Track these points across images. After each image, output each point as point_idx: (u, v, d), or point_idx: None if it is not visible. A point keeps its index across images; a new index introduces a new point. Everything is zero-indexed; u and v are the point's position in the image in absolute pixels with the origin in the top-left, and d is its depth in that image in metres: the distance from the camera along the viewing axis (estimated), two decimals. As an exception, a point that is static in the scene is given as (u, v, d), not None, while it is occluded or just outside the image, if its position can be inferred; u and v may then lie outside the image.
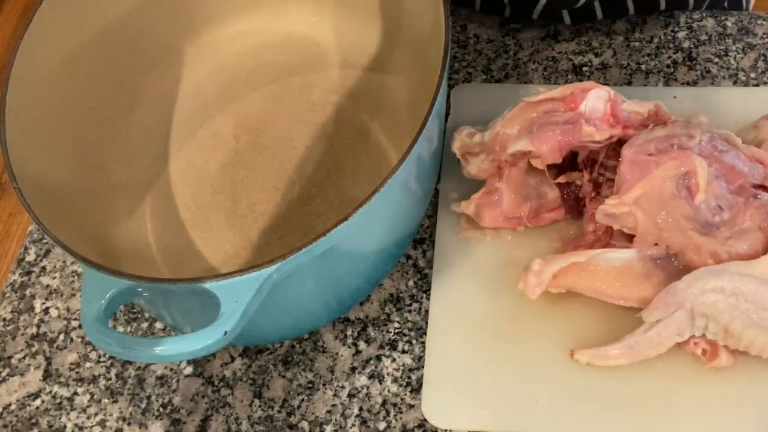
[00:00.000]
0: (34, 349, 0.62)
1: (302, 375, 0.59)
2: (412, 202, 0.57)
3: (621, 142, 0.57)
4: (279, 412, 0.57)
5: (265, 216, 0.64)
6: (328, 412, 0.57)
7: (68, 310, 0.64)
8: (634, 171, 0.54)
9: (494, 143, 0.59)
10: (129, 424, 0.58)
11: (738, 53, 0.70)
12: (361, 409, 0.57)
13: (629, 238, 0.55)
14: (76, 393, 0.60)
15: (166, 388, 0.59)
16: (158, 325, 0.62)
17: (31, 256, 0.67)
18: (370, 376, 0.58)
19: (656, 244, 0.54)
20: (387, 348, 0.59)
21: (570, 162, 0.59)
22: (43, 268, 0.66)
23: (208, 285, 0.46)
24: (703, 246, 0.52)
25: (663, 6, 0.72)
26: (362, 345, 0.59)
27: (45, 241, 0.67)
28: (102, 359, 0.61)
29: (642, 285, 0.53)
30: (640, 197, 0.53)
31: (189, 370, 0.60)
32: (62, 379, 0.60)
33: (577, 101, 0.57)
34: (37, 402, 0.60)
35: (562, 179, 0.59)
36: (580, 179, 0.59)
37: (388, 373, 0.58)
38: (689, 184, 0.53)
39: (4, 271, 1.57)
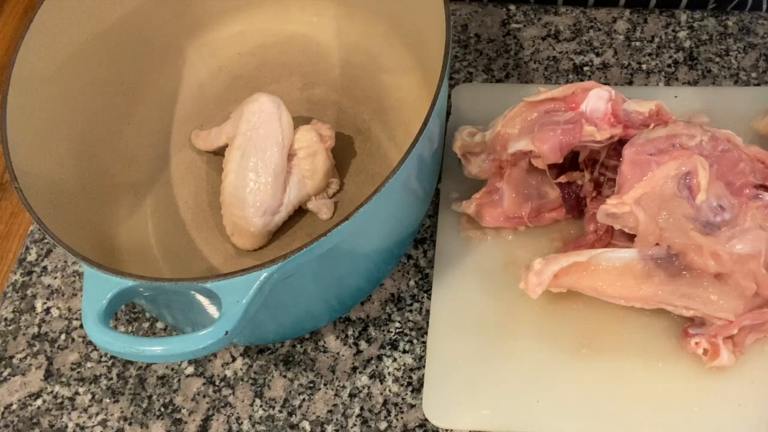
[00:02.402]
0: (35, 349, 0.62)
1: (303, 375, 0.59)
2: (413, 202, 0.57)
3: (622, 142, 0.57)
4: (280, 411, 0.57)
5: (266, 216, 0.64)
6: (329, 411, 0.57)
7: (69, 309, 0.64)
8: (635, 171, 0.54)
9: (495, 143, 0.59)
10: (130, 423, 0.58)
11: (739, 53, 0.70)
12: (362, 408, 0.57)
13: (630, 238, 0.55)
14: (77, 393, 0.60)
15: (167, 387, 0.59)
16: (159, 324, 0.62)
17: (32, 256, 0.67)
18: (371, 376, 0.58)
19: (657, 243, 0.54)
20: (388, 348, 0.59)
21: (571, 162, 0.59)
22: (45, 267, 0.66)
23: (210, 285, 0.46)
24: (705, 246, 0.52)
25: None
26: (363, 345, 0.59)
27: (46, 240, 0.67)
28: (103, 359, 0.61)
29: (643, 285, 0.53)
30: (641, 197, 0.53)
31: (190, 369, 0.60)
32: (63, 379, 0.60)
33: (577, 101, 0.57)
34: (39, 402, 0.60)
35: (563, 179, 0.59)
36: (581, 179, 0.59)
37: (389, 373, 0.58)
38: (690, 184, 0.53)
39: (5, 271, 1.57)
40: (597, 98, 0.57)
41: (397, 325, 0.60)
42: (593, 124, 0.56)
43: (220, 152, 0.66)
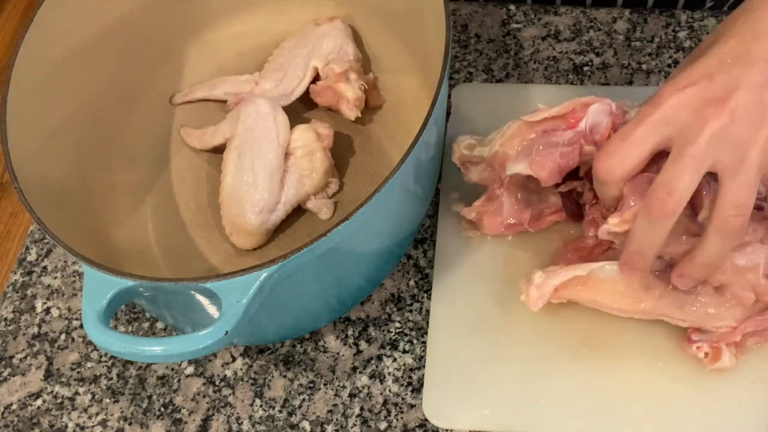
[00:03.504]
0: (35, 349, 0.62)
1: (303, 375, 0.59)
2: (412, 202, 0.57)
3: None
4: (280, 411, 0.57)
5: (266, 216, 0.64)
6: (329, 411, 0.57)
7: (69, 309, 0.64)
8: (635, 187, 0.53)
9: (493, 161, 0.58)
10: (130, 423, 0.58)
11: (739, 53, 0.70)
12: (362, 408, 0.57)
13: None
14: (77, 393, 0.60)
15: (167, 387, 0.59)
16: (159, 324, 0.62)
17: (32, 256, 0.67)
18: (371, 376, 0.58)
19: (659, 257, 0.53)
20: (388, 348, 0.59)
21: (571, 170, 0.59)
22: (45, 267, 0.66)
23: (210, 285, 0.46)
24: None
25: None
26: (363, 345, 0.59)
27: (46, 240, 0.67)
28: (103, 359, 0.61)
29: (643, 298, 0.53)
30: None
31: (190, 369, 0.60)
32: (63, 379, 0.60)
33: (577, 117, 0.55)
34: (39, 402, 0.60)
35: (563, 188, 0.59)
36: (581, 187, 0.59)
37: (389, 373, 0.58)
38: (692, 200, 0.52)
39: (5, 271, 1.57)
40: (597, 113, 0.55)
41: (397, 325, 0.60)
42: (593, 143, 0.55)
43: (219, 151, 0.66)
